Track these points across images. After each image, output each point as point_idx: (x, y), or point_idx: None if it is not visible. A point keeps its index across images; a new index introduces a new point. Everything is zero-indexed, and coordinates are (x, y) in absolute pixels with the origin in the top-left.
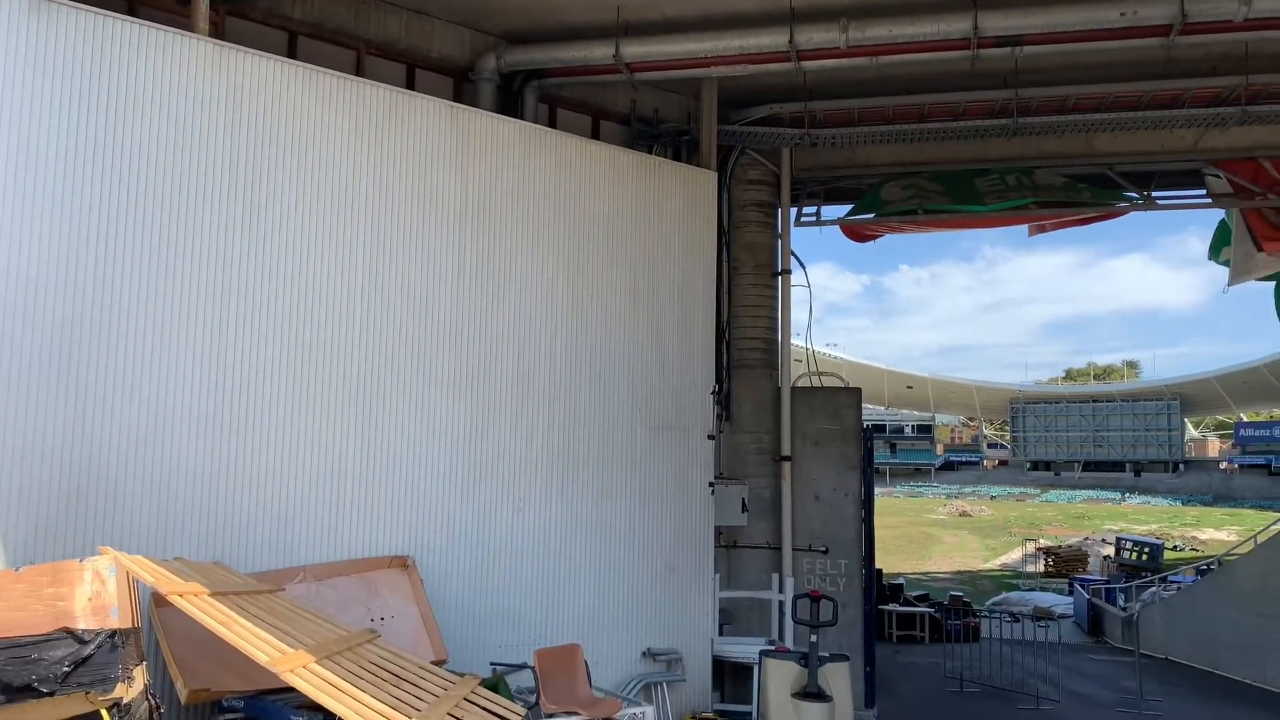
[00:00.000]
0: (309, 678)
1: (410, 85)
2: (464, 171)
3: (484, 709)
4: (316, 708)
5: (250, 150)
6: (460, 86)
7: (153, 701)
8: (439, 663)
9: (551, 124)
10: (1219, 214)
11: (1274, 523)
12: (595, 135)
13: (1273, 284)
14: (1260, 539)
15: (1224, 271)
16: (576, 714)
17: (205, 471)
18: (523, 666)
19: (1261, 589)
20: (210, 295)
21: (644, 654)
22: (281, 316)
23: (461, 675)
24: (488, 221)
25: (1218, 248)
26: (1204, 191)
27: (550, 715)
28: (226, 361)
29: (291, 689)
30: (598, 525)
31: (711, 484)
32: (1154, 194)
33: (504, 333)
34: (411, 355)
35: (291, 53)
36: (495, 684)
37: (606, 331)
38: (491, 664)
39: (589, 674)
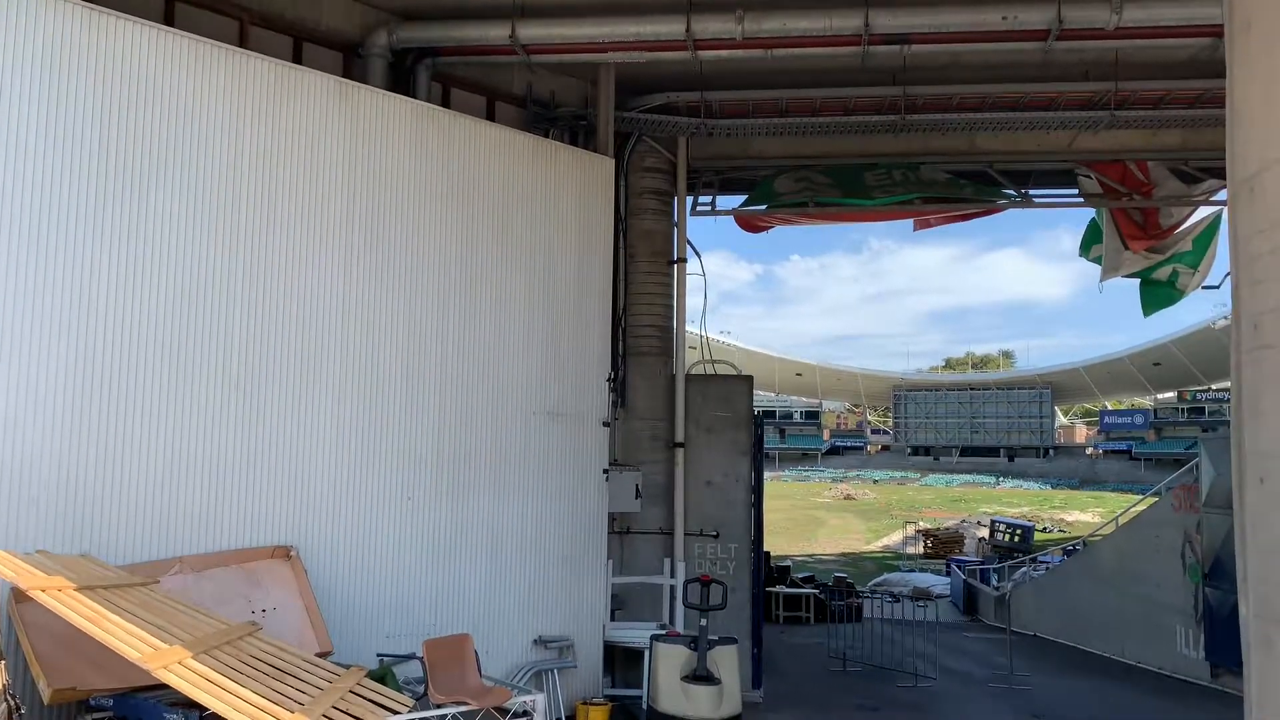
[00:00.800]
0: (184, 674)
1: (297, 59)
2: (353, 151)
3: (370, 701)
4: (193, 705)
5: (122, 123)
6: (350, 63)
7: (12, 702)
8: (324, 655)
9: (445, 104)
10: (1090, 212)
11: (1133, 505)
12: (490, 117)
13: (1138, 280)
14: (1121, 521)
15: (1093, 267)
16: (465, 704)
17: (72, 460)
18: (410, 657)
19: (1121, 569)
20: (81, 276)
21: (535, 641)
22: (158, 300)
23: (347, 667)
24: (378, 203)
25: (1088, 245)
26: (1077, 191)
27: (438, 706)
28: (95, 347)
29: (165, 686)
30: (490, 513)
31: (606, 471)
32: (1031, 192)
33: (394, 317)
34: (297, 341)
35: (169, 20)
36: (382, 675)
37: (500, 317)
38: (379, 655)
39: (479, 663)
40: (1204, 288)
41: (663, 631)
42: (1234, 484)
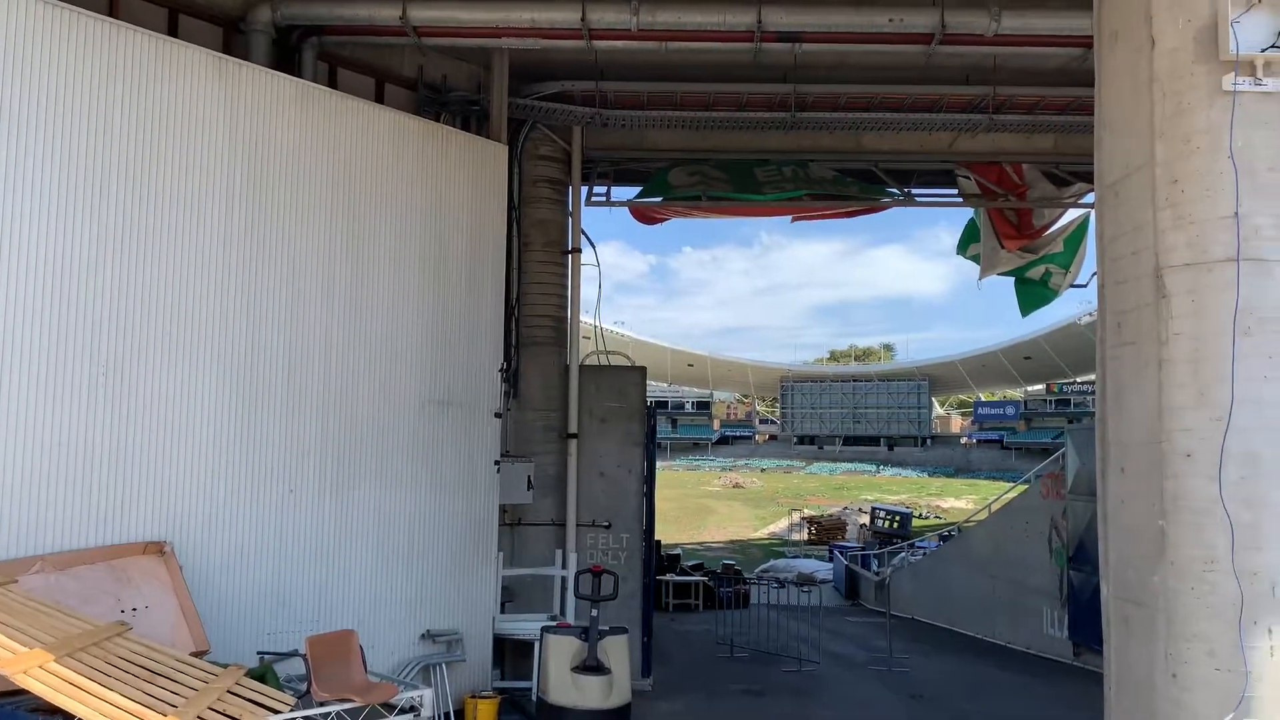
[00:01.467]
0: (45, 678)
1: (173, 32)
2: (233, 130)
3: (249, 700)
4: (56, 711)
5: None
6: (230, 38)
7: None
8: (200, 654)
9: (332, 84)
10: (969, 212)
11: (1005, 493)
12: (379, 99)
13: (1014, 280)
14: (994, 508)
15: (970, 264)
16: (350, 700)
17: None
18: (293, 654)
19: (993, 553)
20: None
21: (423, 635)
22: (17, 278)
23: (225, 666)
24: (260, 184)
25: (965, 244)
26: (956, 191)
27: (322, 703)
28: None
29: (26, 692)
30: (377, 506)
31: (497, 462)
32: (913, 191)
33: (276, 304)
34: (172, 327)
35: None
36: (263, 674)
37: (389, 305)
38: (259, 653)
39: (364, 659)
40: (1073, 286)
41: (553, 623)
42: (1097, 473)
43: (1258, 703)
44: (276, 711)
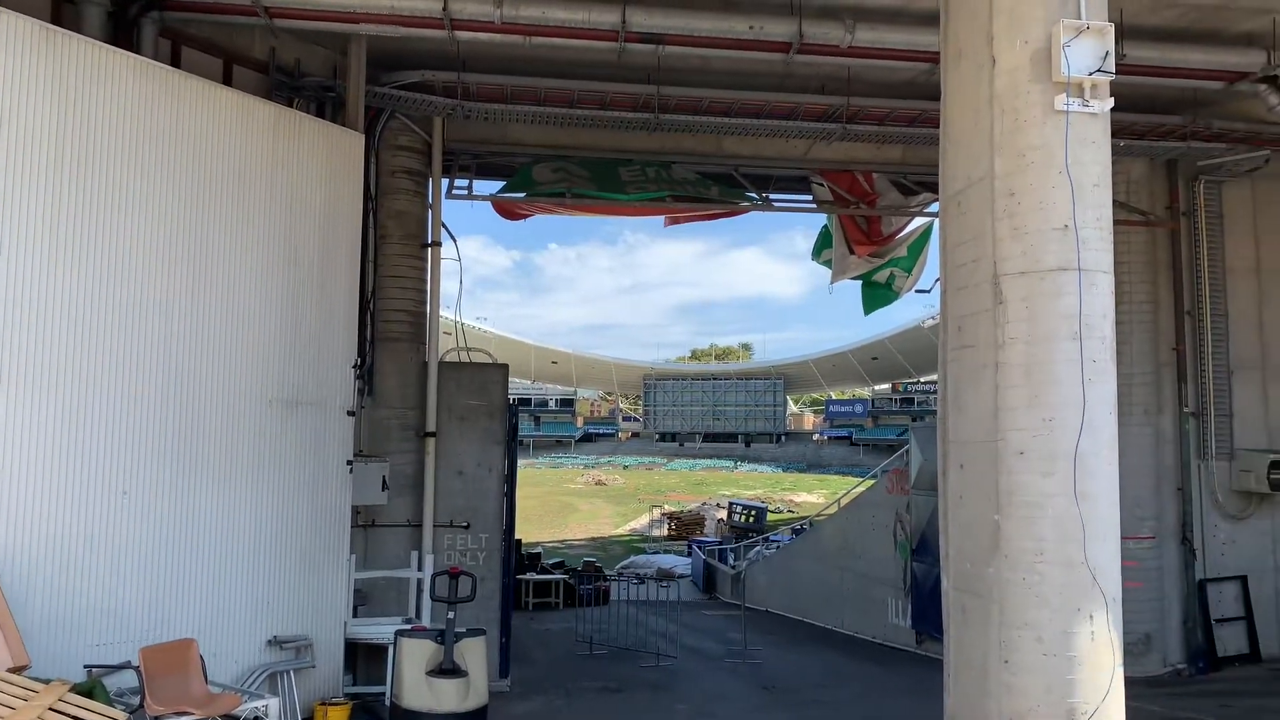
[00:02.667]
0: None
1: None
2: (63, 107)
3: (72, 716)
4: None
5: None
6: (60, 8)
7: None
8: (18, 670)
9: (175, 63)
10: (823, 219)
11: (854, 487)
12: (228, 81)
13: (861, 283)
14: (843, 502)
15: (824, 269)
16: (188, 713)
17: None
18: (125, 666)
19: (842, 546)
20: None
21: (270, 642)
22: None
23: (47, 682)
24: (91, 168)
25: (819, 250)
26: (811, 197)
27: (157, 717)
28: None
29: None
30: (221, 509)
31: (350, 462)
32: (771, 196)
33: (109, 295)
34: None
35: None
36: (90, 688)
37: (235, 297)
38: (86, 666)
39: (205, 669)
40: (916, 291)
41: (408, 626)
42: (938, 469)
43: (1079, 685)
44: None
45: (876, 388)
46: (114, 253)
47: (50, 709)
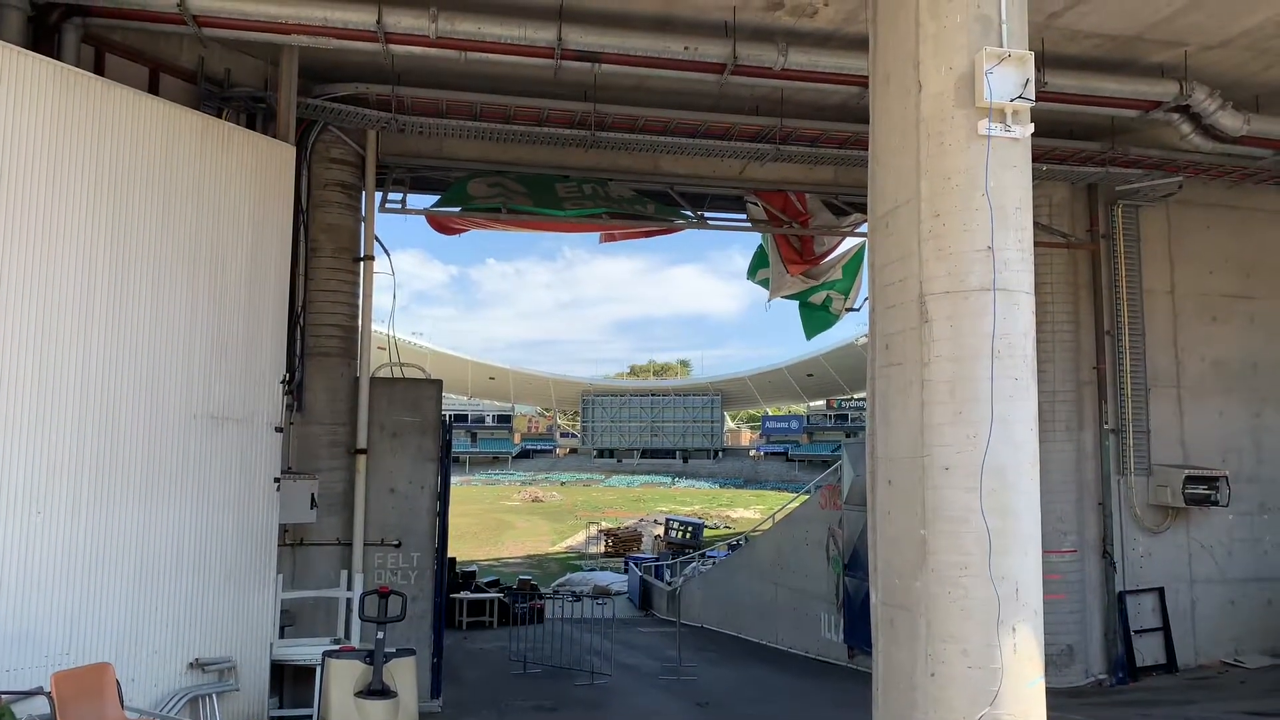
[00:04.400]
0: None
1: None
2: None
3: None
4: None
5: None
6: None
7: None
8: None
9: (99, 71)
10: (758, 240)
11: (788, 503)
12: (154, 90)
13: (799, 304)
14: (778, 518)
15: (760, 288)
16: None
17: None
18: (37, 693)
19: (776, 561)
20: None
21: (192, 665)
22: None
23: None
24: (7, 178)
25: (754, 269)
26: (745, 216)
27: None
28: None
29: None
30: (141, 528)
31: (278, 479)
32: (706, 214)
33: (23, 308)
34: None
35: None
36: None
37: (158, 310)
38: None
39: (121, 694)
40: (849, 310)
41: (336, 647)
42: (868, 485)
43: (1002, 696)
44: None
45: (812, 404)
46: (28, 265)
47: None
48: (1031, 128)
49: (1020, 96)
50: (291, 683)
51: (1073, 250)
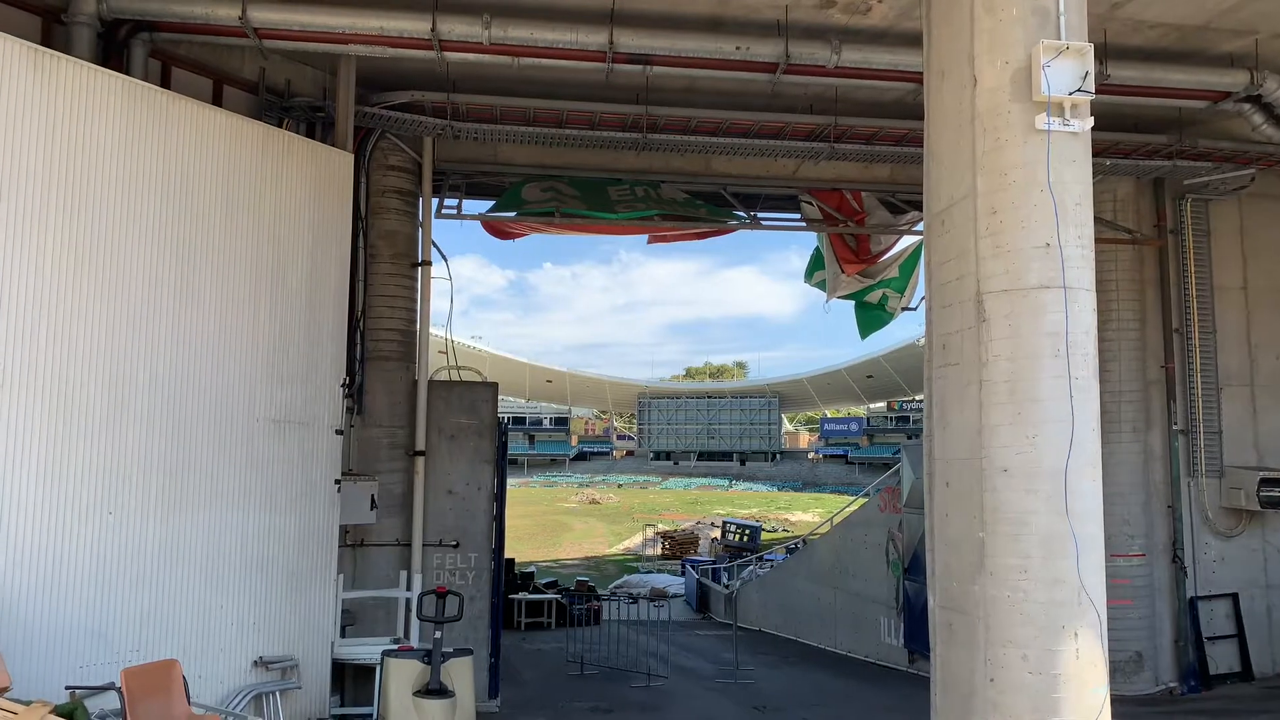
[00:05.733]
0: None
1: None
2: (51, 128)
3: None
4: None
5: None
6: (50, 29)
7: None
8: None
9: (165, 84)
10: (816, 241)
11: (847, 506)
12: (217, 102)
13: (853, 302)
14: (836, 521)
15: (817, 289)
16: None
17: None
18: (108, 688)
19: (835, 565)
20: None
21: (256, 663)
22: None
23: (28, 703)
24: (78, 190)
25: (811, 272)
26: (800, 216)
27: None
28: None
29: None
30: (207, 528)
31: (338, 481)
32: (759, 215)
33: (94, 316)
34: None
35: None
36: (72, 710)
37: (223, 317)
38: (68, 688)
39: (188, 690)
40: (905, 310)
41: (395, 646)
42: (925, 487)
43: (1065, 703)
44: None
45: (872, 406)
46: (101, 272)
47: None
48: (1091, 121)
49: (1080, 89)
50: (352, 681)
51: (1139, 246)
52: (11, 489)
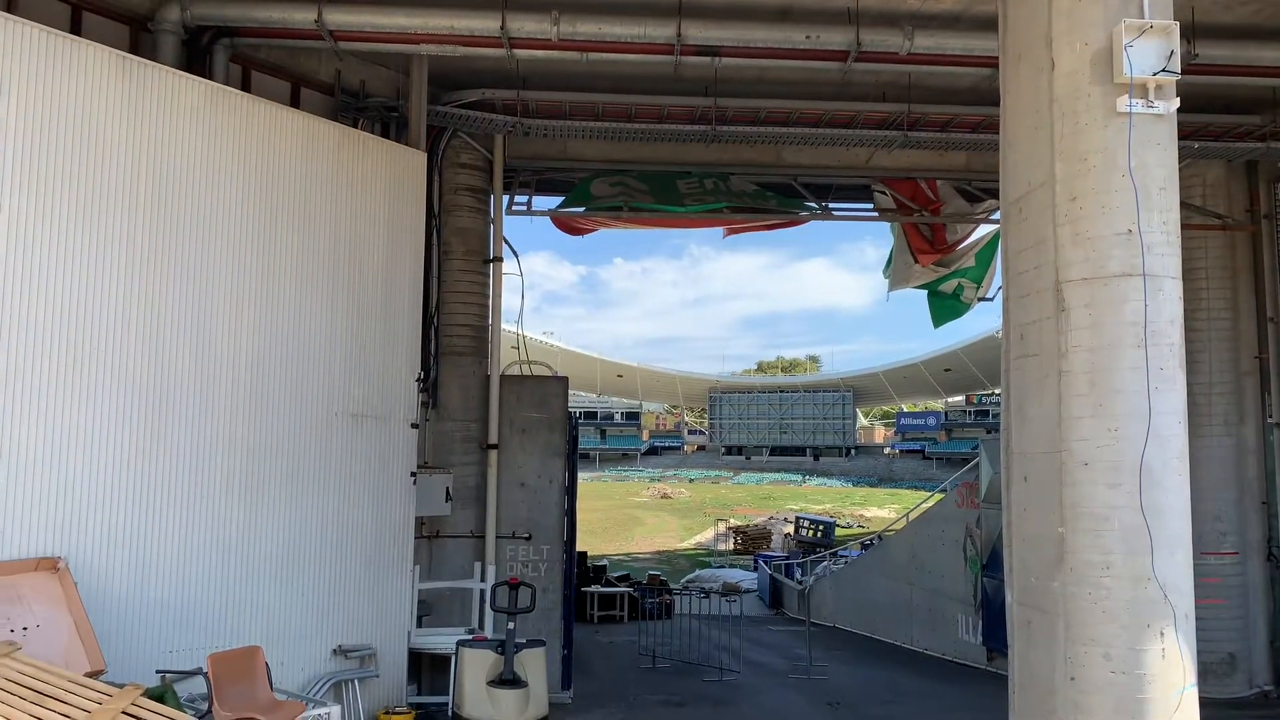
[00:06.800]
0: None
1: (76, 30)
2: (138, 132)
3: None
4: None
5: None
6: (138, 37)
7: None
8: (95, 674)
9: (245, 88)
10: (891, 228)
11: (923, 501)
12: (295, 104)
13: (926, 291)
14: (912, 516)
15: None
16: (253, 719)
17: None
18: (195, 673)
19: (911, 561)
20: None
21: (335, 651)
22: None
23: (121, 687)
24: (166, 188)
25: (890, 264)
26: (872, 206)
27: None
28: None
29: None
30: (287, 519)
31: (414, 474)
32: (831, 205)
33: (181, 312)
34: (67, 341)
35: None
36: (162, 693)
37: (302, 312)
38: (159, 672)
39: (270, 676)
40: (982, 300)
41: (470, 636)
42: (1002, 481)
43: (1149, 704)
44: None
45: (950, 400)
46: (186, 272)
47: (124, 713)
48: (1177, 103)
49: (1164, 70)
50: (429, 671)
51: (1230, 232)
52: (106, 476)
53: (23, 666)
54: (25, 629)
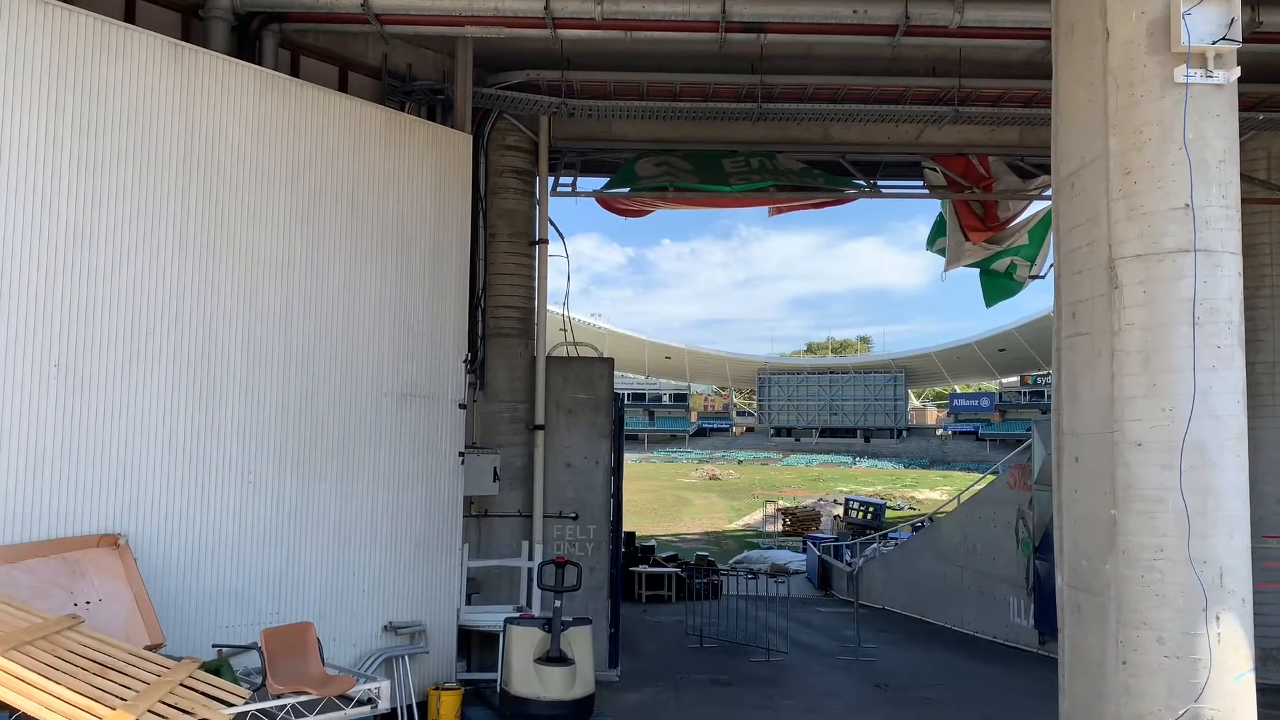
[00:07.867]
0: None
1: (129, 18)
2: (189, 119)
3: (201, 693)
4: (2, 706)
5: None
6: (189, 24)
7: None
8: (154, 647)
9: (294, 73)
10: (937, 208)
11: (975, 483)
12: (342, 88)
13: (979, 270)
14: (964, 498)
15: (942, 258)
16: (306, 693)
17: None
18: (250, 647)
19: (961, 543)
20: None
21: (386, 628)
22: None
23: (179, 659)
24: (217, 172)
25: (934, 239)
26: (923, 183)
27: (277, 696)
28: None
29: None
30: (338, 497)
31: (462, 454)
32: (879, 183)
33: (233, 295)
34: (124, 321)
35: None
36: (218, 667)
37: (350, 294)
38: (215, 646)
39: (322, 651)
40: (1035, 278)
41: (518, 614)
42: (1053, 462)
43: (1204, 689)
44: (230, 704)
45: (1004, 381)
46: (237, 256)
47: (181, 685)
48: (1238, 72)
49: (1224, 39)
50: (478, 648)
51: None
52: (164, 455)
53: (85, 639)
54: (89, 603)
